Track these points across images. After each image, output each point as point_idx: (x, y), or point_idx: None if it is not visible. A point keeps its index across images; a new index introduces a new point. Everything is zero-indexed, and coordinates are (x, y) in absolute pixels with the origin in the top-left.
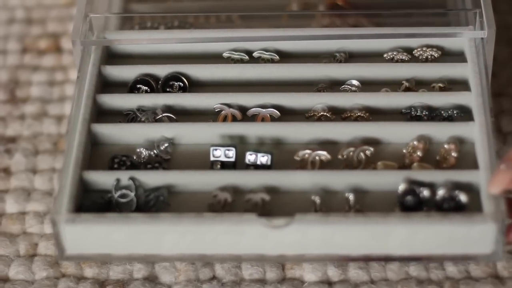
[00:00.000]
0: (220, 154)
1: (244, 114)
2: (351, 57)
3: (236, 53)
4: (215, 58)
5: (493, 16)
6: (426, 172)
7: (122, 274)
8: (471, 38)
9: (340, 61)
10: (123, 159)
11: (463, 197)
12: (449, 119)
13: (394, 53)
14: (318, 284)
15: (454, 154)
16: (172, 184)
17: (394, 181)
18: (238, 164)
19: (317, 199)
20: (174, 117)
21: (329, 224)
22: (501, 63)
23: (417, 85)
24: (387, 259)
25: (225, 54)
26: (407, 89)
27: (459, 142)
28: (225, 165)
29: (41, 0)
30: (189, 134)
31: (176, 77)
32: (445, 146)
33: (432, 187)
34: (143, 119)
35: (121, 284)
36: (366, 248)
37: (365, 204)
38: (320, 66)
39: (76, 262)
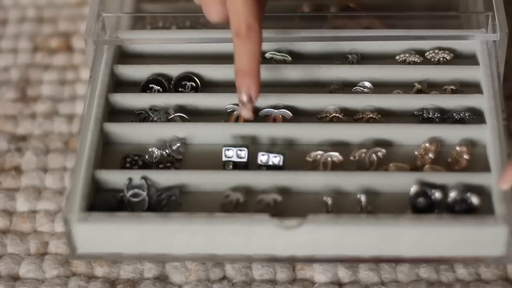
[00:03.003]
0: (232, 154)
1: (256, 115)
2: (363, 58)
3: None
4: (228, 58)
5: (505, 19)
6: (438, 174)
7: (133, 274)
8: (483, 41)
9: (352, 63)
10: (135, 159)
11: (474, 200)
12: (461, 121)
13: (406, 55)
14: (328, 285)
15: (465, 156)
16: (184, 184)
17: (405, 183)
18: (250, 165)
19: (329, 200)
20: (186, 117)
21: (340, 225)
22: None
23: (429, 87)
24: (397, 261)
25: None
26: (419, 91)
27: (471, 144)
28: (237, 166)
29: None
30: (201, 134)
31: (188, 77)
32: (457, 148)
33: (443, 189)
34: (155, 119)
35: (132, 284)
36: (377, 250)
37: (376, 206)
38: (332, 67)
39: (86, 261)
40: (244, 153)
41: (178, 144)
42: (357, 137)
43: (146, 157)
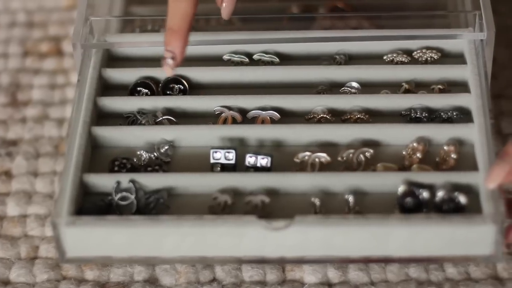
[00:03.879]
0: (220, 156)
1: (244, 117)
2: (351, 59)
3: (236, 56)
4: (215, 60)
5: (492, 18)
6: (425, 173)
7: (123, 277)
8: (470, 40)
9: (340, 63)
10: (124, 162)
11: (462, 199)
12: (449, 120)
13: (394, 55)
14: (318, 286)
15: (453, 155)
16: (172, 186)
17: (393, 182)
18: (238, 167)
19: (316, 201)
20: (174, 120)
21: (329, 226)
22: (500, 65)
23: (416, 87)
24: (387, 261)
25: (225, 57)
26: (407, 91)
27: (459, 143)
28: (225, 168)
29: (42, 4)
30: (189, 136)
31: (176, 79)
32: (445, 147)
33: (431, 188)
34: (143, 122)
35: (122, 287)
36: (366, 250)
37: (364, 206)
38: (320, 68)
39: (77, 264)
40: (232, 155)
41: (166, 147)
42: (345, 138)
43: (135, 160)
